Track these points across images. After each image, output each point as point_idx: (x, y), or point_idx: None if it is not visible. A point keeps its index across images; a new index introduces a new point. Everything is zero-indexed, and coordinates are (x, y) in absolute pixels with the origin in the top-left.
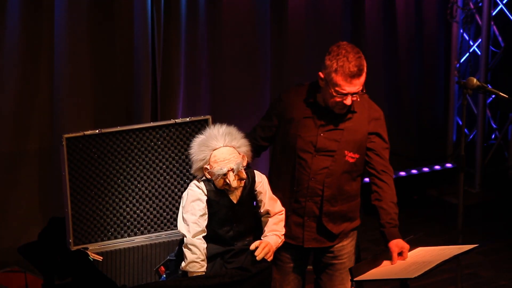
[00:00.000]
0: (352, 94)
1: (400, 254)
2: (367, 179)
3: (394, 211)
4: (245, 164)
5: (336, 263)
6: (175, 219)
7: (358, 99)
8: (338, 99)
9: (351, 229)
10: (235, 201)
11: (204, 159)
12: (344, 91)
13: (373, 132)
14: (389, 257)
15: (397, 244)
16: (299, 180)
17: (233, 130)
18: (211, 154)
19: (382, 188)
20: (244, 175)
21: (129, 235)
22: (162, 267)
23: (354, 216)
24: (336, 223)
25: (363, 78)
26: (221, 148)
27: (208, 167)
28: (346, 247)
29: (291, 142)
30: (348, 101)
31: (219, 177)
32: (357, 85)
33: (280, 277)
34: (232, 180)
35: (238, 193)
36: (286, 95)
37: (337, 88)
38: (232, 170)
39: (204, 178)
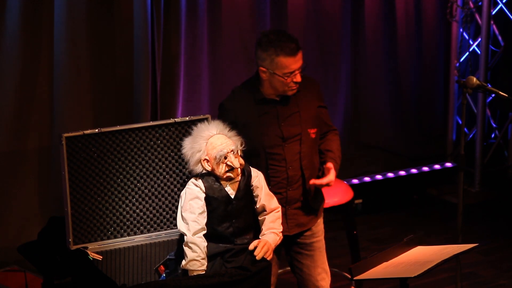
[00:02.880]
0: (299, 69)
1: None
2: (367, 178)
3: (339, 155)
4: (240, 147)
5: (314, 241)
6: (175, 218)
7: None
8: (288, 81)
9: (322, 203)
10: (232, 196)
11: (201, 150)
12: (291, 70)
13: (320, 105)
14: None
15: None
16: (276, 174)
17: (220, 122)
18: (207, 142)
19: (330, 140)
20: (242, 161)
21: (128, 234)
22: (161, 266)
23: (321, 189)
24: (316, 200)
25: (301, 52)
26: (216, 135)
27: (206, 157)
28: (320, 224)
29: (256, 144)
30: (298, 77)
31: (220, 161)
32: (300, 59)
33: None
34: (233, 160)
35: (235, 187)
36: (230, 103)
37: (284, 71)
38: (232, 151)
39: (203, 171)
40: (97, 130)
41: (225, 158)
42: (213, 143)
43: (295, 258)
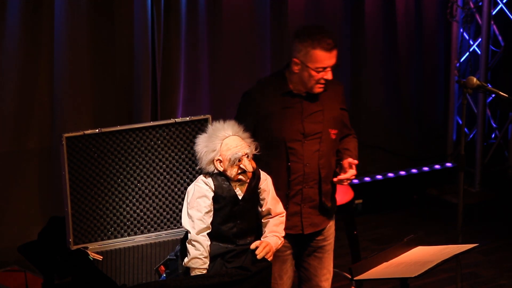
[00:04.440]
0: (331, 67)
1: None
2: (368, 179)
3: (356, 154)
4: (254, 151)
5: (326, 245)
6: (175, 219)
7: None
8: (319, 76)
9: (336, 204)
10: (240, 197)
11: (215, 150)
12: (325, 65)
13: (342, 108)
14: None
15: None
16: (293, 170)
17: (235, 122)
18: (222, 143)
19: (348, 141)
20: (254, 164)
21: (129, 235)
22: (162, 266)
23: (335, 190)
24: (330, 200)
25: (336, 50)
26: (231, 137)
27: (220, 158)
28: (331, 227)
29: (277, 136)
30: (329, 75)
31: (234, 164)
32: (335, 57)
33: (278, 267)
34: (247, 164)
35: (244, 188)
36: (256, 93)
37: (317, 65)
38: (247, 155)
39: (215, 171)
40: (97, 130)
41: (239, 161)
42: (228, 144)
43: (303, 259)
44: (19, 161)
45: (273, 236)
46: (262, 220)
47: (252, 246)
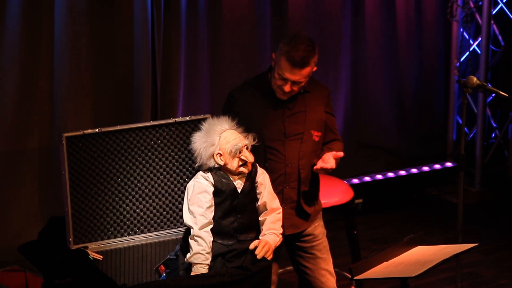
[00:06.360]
0: (292, 82)
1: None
2: (368, 178)
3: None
4: (252, 142)
5: (315, 244)
6: (175, 218)
7: (297, 90)
8: (279, 83)
9: (318, 209)
10: (239, 190)
11: (214, 144)
12: (285, 76)
13: (327, 111)
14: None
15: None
16: (274, 169)
17: (229, 118)
18: (220, 137)
19: (334, 143)
20: (253, 156)
21: (129, 234)
22: (162, 266)
23: (318, 194)
24: (309, 204)
25: (305, 71)
26: (228, 130)
27: (220, 151)
28: (318, 227)
29: (258, 135)
30: (286, 87)
31: (235, 156)
32: (297, 75)
33: None
34: (248, 155)
35: (242, 182)
36: (238, 93)
37: (280, 72)
38: (246, 146)
39: (215, 165)
40: (97, 130)
41: (240, 152)
42: (226, 137)
43: (298, 262)
44: (19, 161)
45: (270, 233)
46: (260, 218)
47: (251, 246)
